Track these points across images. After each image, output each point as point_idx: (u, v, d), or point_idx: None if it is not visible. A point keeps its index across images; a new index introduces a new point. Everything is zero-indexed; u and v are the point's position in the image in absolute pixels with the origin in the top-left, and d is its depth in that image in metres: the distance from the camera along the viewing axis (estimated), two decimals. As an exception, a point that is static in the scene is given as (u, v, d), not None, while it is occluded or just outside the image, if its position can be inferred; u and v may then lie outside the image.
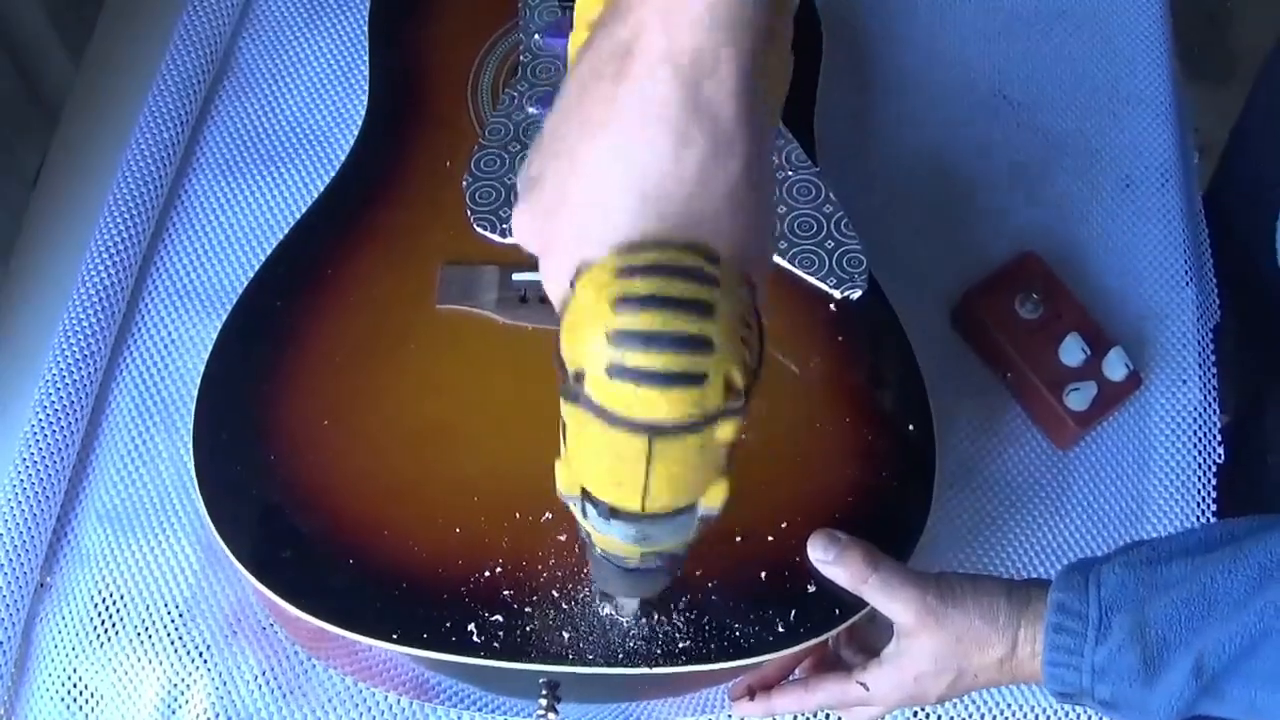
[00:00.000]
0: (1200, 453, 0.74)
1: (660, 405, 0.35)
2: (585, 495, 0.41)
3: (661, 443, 0.36)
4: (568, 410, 0.38)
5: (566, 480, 0.41)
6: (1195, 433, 0.74)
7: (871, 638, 0.60)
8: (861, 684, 0.57)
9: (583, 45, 0.39)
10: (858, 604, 0.57)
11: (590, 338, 0.35)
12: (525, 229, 0.41)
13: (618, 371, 0.35)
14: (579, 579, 0.58)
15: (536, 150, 0.41)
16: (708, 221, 0.37)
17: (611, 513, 0.41)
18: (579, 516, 0.44)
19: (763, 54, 0.36)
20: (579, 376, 0.36)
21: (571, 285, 0.37)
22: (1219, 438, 0.74)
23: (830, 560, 0.55)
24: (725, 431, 0.37)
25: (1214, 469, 0.73)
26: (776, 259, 0.67)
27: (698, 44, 0.35)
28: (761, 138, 0.37)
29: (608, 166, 0.37)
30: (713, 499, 0.41)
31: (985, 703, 0.67)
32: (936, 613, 0.53)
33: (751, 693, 0.61)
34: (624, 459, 0.37)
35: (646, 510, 0.40)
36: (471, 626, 0.56)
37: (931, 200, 0.80)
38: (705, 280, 0.35)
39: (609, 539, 0.43)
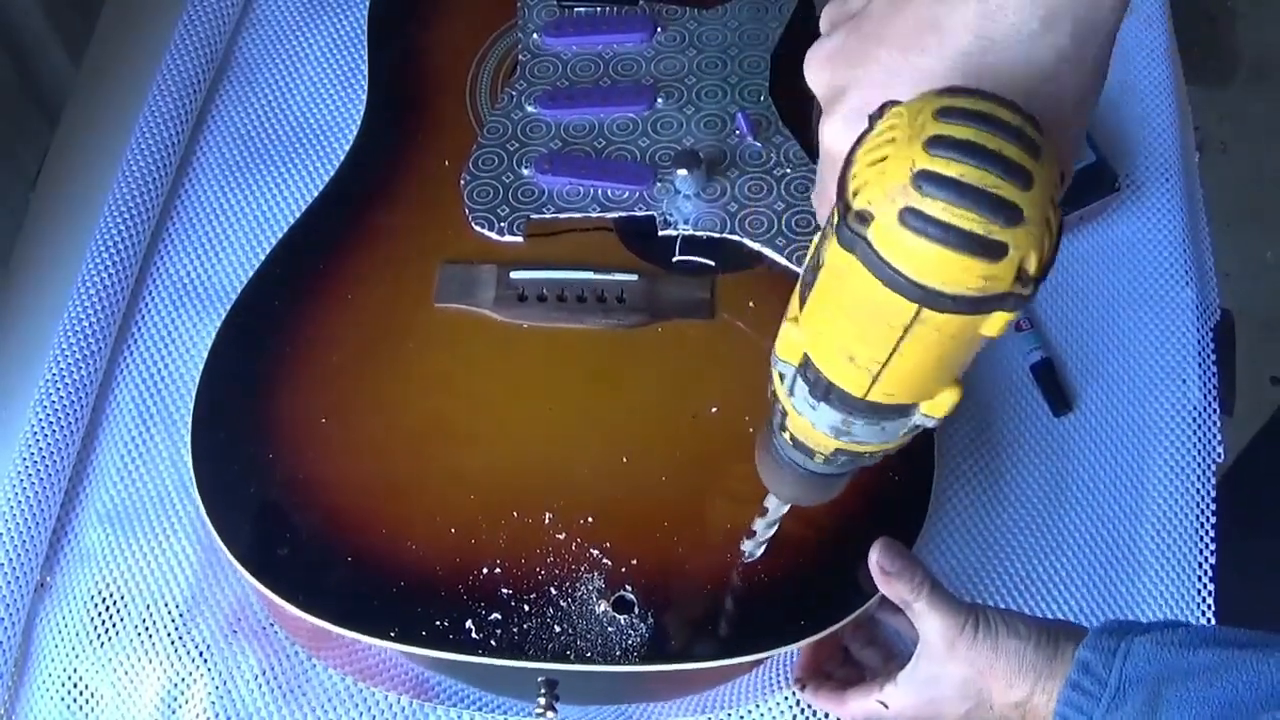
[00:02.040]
0: (1200, 453, 0.74)
1: (949, 269, 0.31)
2: (804, 366, 0.38)
3: (928, 315, 0.32)
4: (832, 257, 0.34)
5: (790, 344, 0.38)
6: (1195, 432, 0.74)
7: (883, 636, 0.61)
8: (881, 702, 0.57)
9: None
10: (854, 603, 0.57)
11: (892, 175, 0.31)
12: (824, 66, 0.38)
13: (914, 219, 0.31)
14: (578, 577, 0.58)
15: None
16: (1036, 95, 0.34)
17: (827, 393, 0.37)
18: (783, 391, 0.41)
19: None
20: (864, 217, 0.32)
21: (872, 121, 0.33)
22: (1219, 438, 0.74)
23: (893, 572, 0.55)
24: (995, 324, 0.33)
25: (1214, 469, 0.73)
26: (774, 255, 0.67)
27: None
28: (1110, 31, 0.35)
29: (956, 28, 0.34)
30: (937, 407, 0.37)
31: None
32: (968, 643, 0.54)
33: (801, 683, 0.62)
34: (876, 327, 0.34)
35: (867, 397, 0.37)
36: (470, 624, 0.56)
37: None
38: (1029, 146, 0.31)
39: (807, 424, 0.40)
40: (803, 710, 0.65)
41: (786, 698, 0.65)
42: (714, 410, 0.62)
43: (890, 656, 0.61)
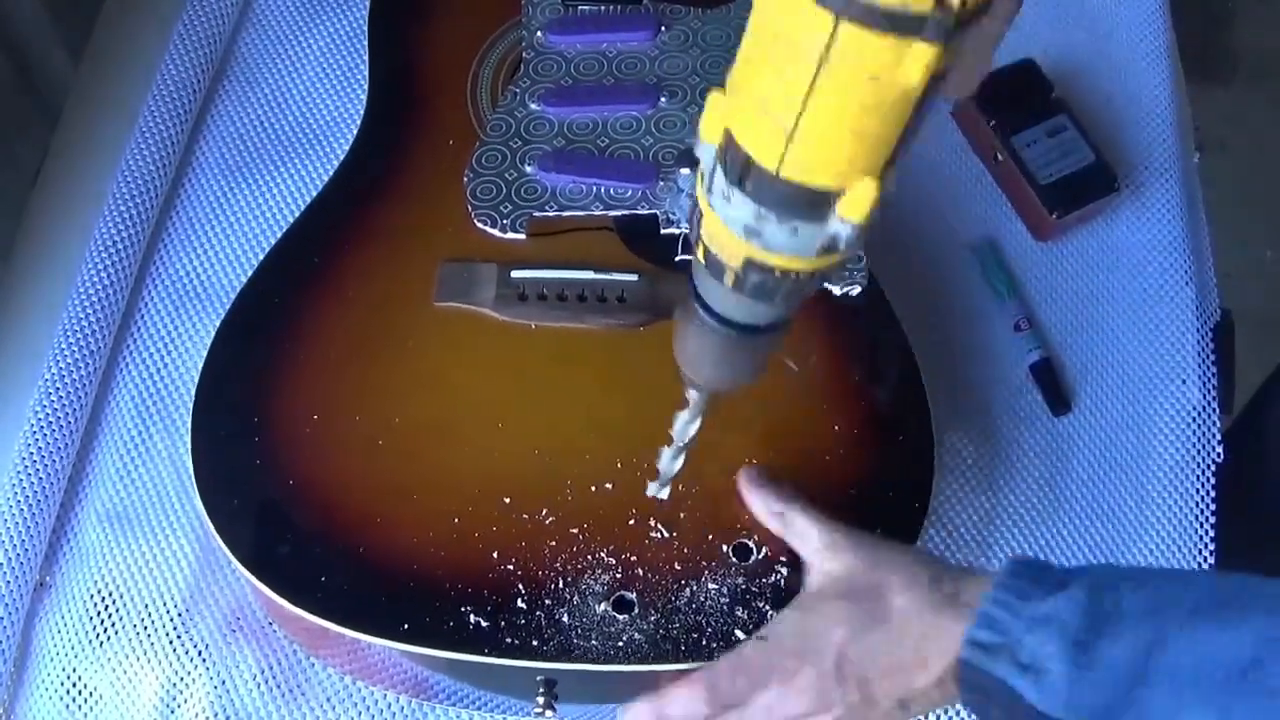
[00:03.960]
0: (1200, 453, 0.74)
1: None
2: (724, 148, 0.37)
3: (844, 33, 0.32)
4: None
5: (713, 119, 0.37)
6: (1195, 433, 0.74)
7: None
8: (761, 639, 0.51)
9: None
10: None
11: None
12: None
13: None
14: (578, 576, 0.58)
15: None
16: None
17: (742, 175, 0.37)
18: (701, 190, 0.40)
19: None
20: None
21: None
22: (1219, 438, 0.74)
23: (760, 485, 0.55)
24: (913, 67, 0.32)
25: (1214, 469, 0.73)
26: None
27: None
28: None
29: None
30: (854, 206, 0.36)
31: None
32: (848, 536, 0.51)
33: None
34: (792, 53, 0.33)
35: (782, 173, 0.36)
36: (469, 623, 0.56)
37: (930, 192, 0.81)
38: None
39: (720, 224, 0.39)
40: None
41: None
42: (714, 410, 0.62)
43: None
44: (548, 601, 0.57)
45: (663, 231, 0.68)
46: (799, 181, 0.36)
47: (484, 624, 0.56)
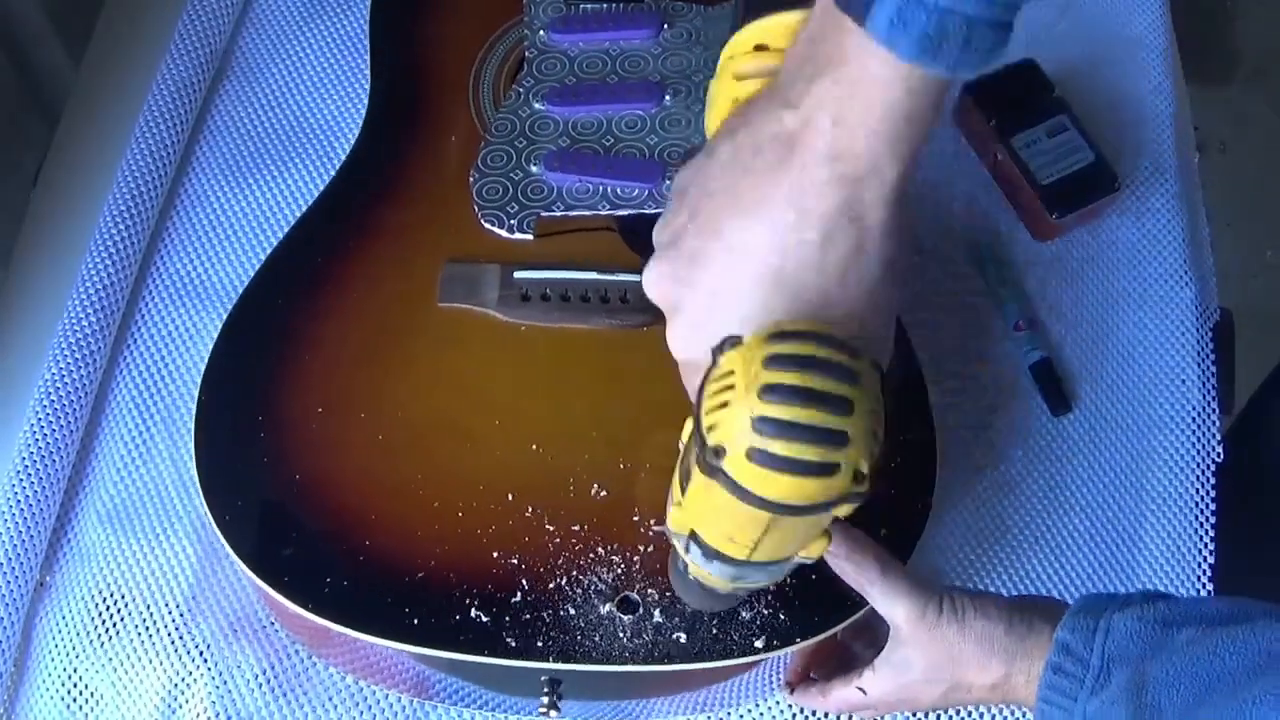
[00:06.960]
0: (1200, 453, 0.74)
1: (793, 491, 0.38)
2: (693, 537, 0.44)
3: (784, 518, 0.39)
4: (698, 477, 0.40)
5: (678, 522, 0.45)
6: (1195, 433, 0.74)
7: (879, 633, 0.61)
8: (860, 689, 0.57)
9: (738, 114, 0.42)
10: (859, 603, 0.57)
11: (735, 420, 0.38)
12: (657, 286, 0.44)
13: (758, 456, 0.37)
14: (582, 577, 0.58)
15: (679, 207, 0.44)
16: (840, 315, 0.40)
17: (715, 555, 0.44)
18: (680, 549, 0.47)
19: (911, 167, 0.39)
20: (718, 452, 0.38)
21: (714, 357, 0.40)
22: (1219, 438, 0.75)
23: (841, 555, 0.55)
24: (843, 510, 0.40)
25: (1214, 469, 0.73)
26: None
27: (864, 152, 0.38)
28: (901, 242, 0.40)
29: (753, 248, 0.40)
30: (812, 552, 0.45)
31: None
32: (932, 627, 0.53)
33: (790, 687, 0.63)
34: (743, 525, 0.41)
35: (751, 560, 0.43)
36: (473, 624, 0.56)
37: (930, 192, 0.81)
38: (848, 378, 0.37)
39: (705, 573, 0.47)
40: (802, 710, 0.65)
41: (786, 696, 0.65)
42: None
43: (878, 648, 0.61)
44: (553, 601, 0.57)
45: (665, 231, 0.68)
46: (766, 560, 0.44)
47: (489, 624, 0.56)
